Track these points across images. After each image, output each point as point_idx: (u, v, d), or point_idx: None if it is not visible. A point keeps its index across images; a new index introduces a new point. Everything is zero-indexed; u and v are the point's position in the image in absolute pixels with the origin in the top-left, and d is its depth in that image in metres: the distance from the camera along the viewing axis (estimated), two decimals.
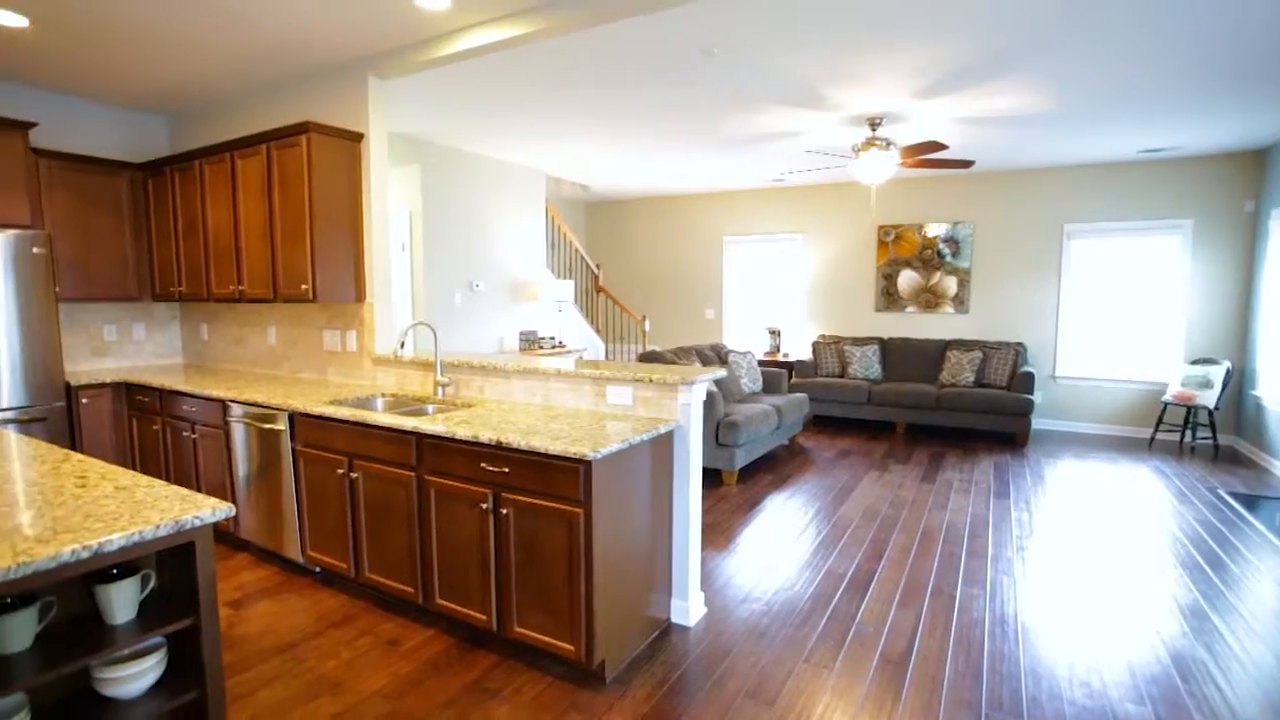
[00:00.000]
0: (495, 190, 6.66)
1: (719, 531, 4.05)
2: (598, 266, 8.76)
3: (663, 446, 2.72)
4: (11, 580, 1.32)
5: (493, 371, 3.28)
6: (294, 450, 3.20)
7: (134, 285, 4.60)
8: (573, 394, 3.03)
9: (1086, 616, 2.98)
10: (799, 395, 6.20)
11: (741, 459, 5.02)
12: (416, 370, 3.62)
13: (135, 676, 1.61)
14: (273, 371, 4.44)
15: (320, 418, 3.06)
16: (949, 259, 7.39)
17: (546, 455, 2.33)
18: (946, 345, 7.10)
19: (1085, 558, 3.63)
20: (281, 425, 3.24)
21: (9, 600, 1.52)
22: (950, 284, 7.41)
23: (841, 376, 7.37)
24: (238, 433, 3.52)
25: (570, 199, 9.27)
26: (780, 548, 3.79)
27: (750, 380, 6.14)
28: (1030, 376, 6.32)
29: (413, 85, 4.28)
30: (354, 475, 2.93)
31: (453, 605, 2.69)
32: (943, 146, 4.61)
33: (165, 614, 1.68)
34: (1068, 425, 6.95)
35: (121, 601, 1.62)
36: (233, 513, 1.70)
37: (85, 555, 1.42)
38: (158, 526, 1.54)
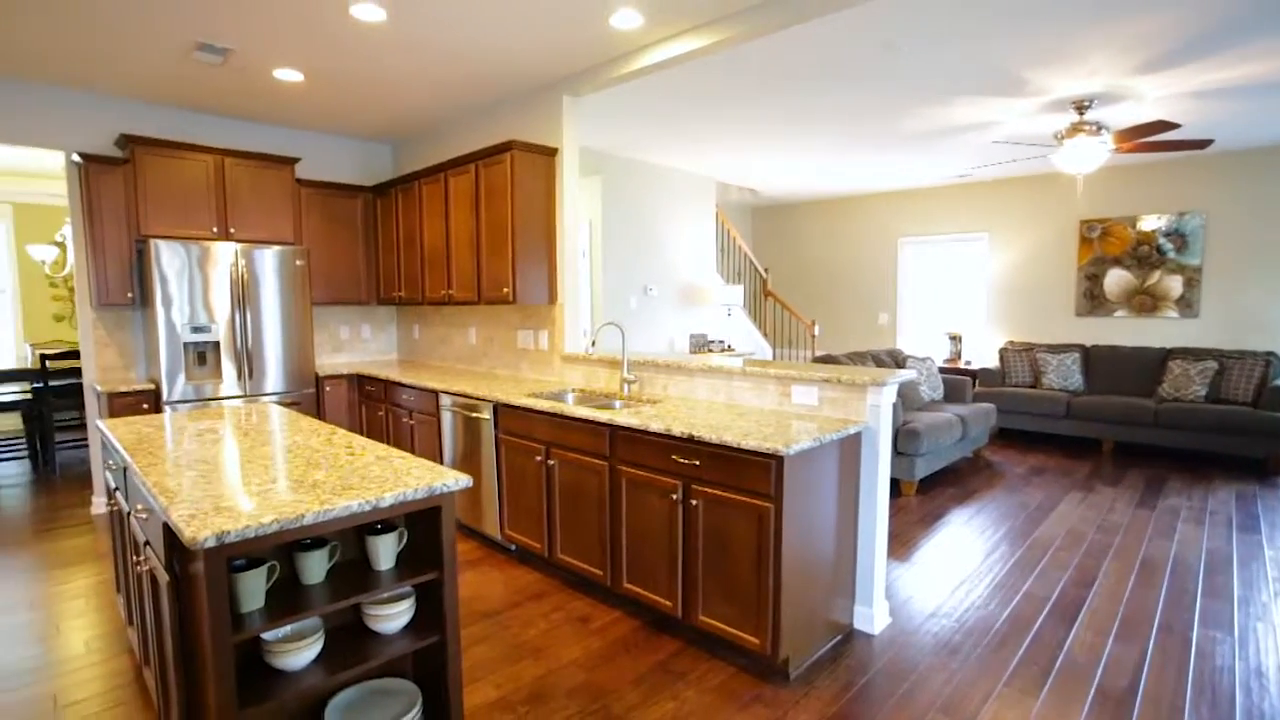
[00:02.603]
0: (668, 198, 6.88)
1: (899, 542, 3.88)
2: (766, 271, 8.72)
3: (851, 448, 2.68)
4: (317, 523, 1.62)
5: (676, 370, 3.41)
6: (497, 437, 3.55)
7: (364, 291, 5.34)
8: (756, 393, 3.07)
9: None
10: (985, 405, 5.74)
11: (922, 469, 4.76)
12: (603, 368, 3.86)
13: (393, 616, 1.89)
14: (473, 368, 4.93)
15: (521, 409, 3.36)
16: (1171, 255, 6.47)
17: (738, 450, 2.39)
18: (1168, 354, 6.21)
19: None
20: (486, 415, 3.60)
21: (308, 541, 1.86)
22: (1173, 284, 6.48)
23: (1034, 386, 6.71)
24: (447, 420, 3.96)
25: (738, 204, 9.32)
26: (968, 564, 3.55)
27: (930, 388, 5.79)
28: None
29: (599, 101, 4.57)
30: (550, 462, 3.19)
31: (639, 589, 2.83)
32: (1173, 126, 4.07)
33: (414, 567, 1.95)
34: None
35: (385, 552, 1.91)
36: (471, 484, 1.93)
37: (366, 508, 1.71)
38: (415, 490, 1.80)
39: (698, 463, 2.52)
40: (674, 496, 2.61)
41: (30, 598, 3.21)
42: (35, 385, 5.58)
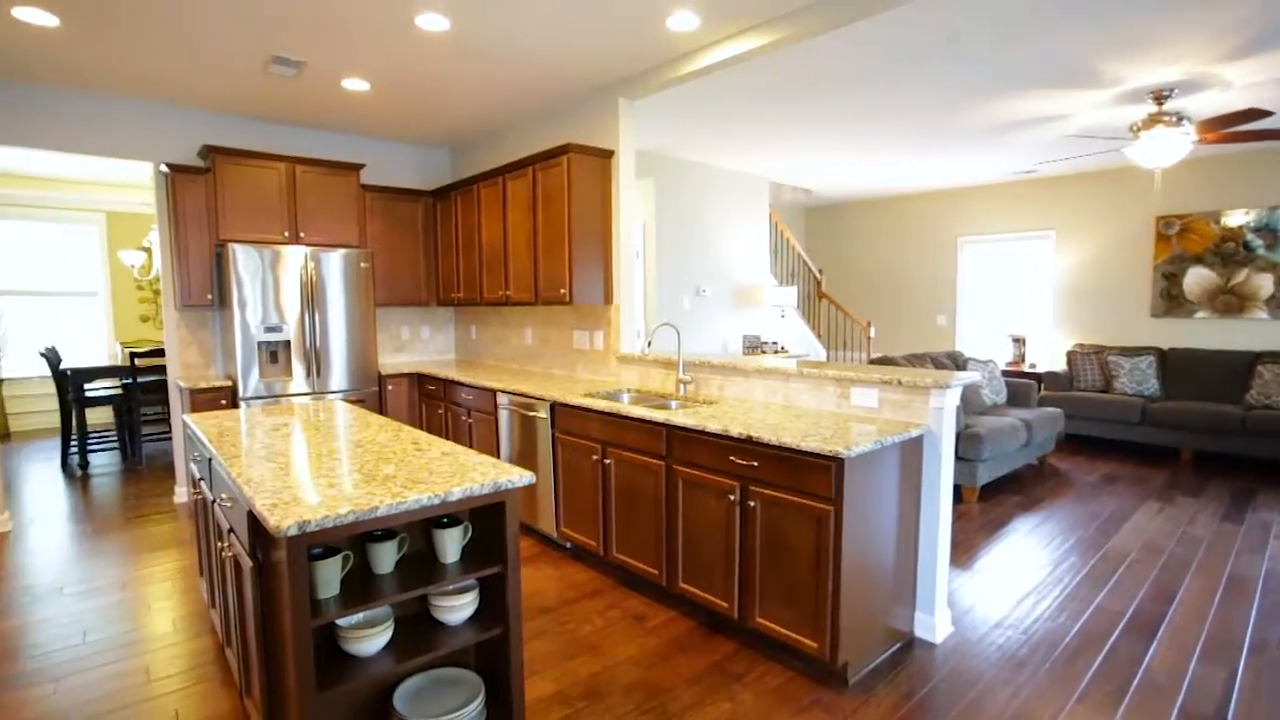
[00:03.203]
0: (721, 199, 6.86)
1: (961, 549, 3.77)
2: (820, 271, 8.59)
3: (912, 451, 2.62)
4: (389, 515, 1.69)
5: (732, 371, 3.39)
6: (553, 436, 3.60)
7: (424, 292, 5.50)
8: (813, 395, 3.03)
9: None
10: (1051, 410, 5.52)
11: (984, 475, 4.61)
12: (658, 368, 3.87)
13: (458, 608, 1.94)
14: (528, 368, 5.02)
15: (578, 408, 3.41)
16: (1261, 252, 6.08)
17: (798, 451, 2.37)
18: (1256, 358, 5.84)
19: None
20: (543, 414, 3.66)
21: (379, 533, 1.93)
22: (1262, 283, 6.09)
23: (1105, 391, 6.41)
24: (504, 418, 4.05)
25: (791, 204, 9.21)
26: (1034, 575, 3.42)
27: (992, 391, 5.60)
28: None
29: (653, 103, 4.59)
30: (607, 461, 3.23)
31: (695, 590, 2.83)
32: (1264, 114, 3.83)
33: (478, 561, 2.00)
34: None
35: (451, 545, 1.97)
36: (534, 480, 1.97)
37: (435, 502, 1.76)
38: (481, 485, 1.85)
39: (756, 464, 2.51)
40: (731, 497, 2.60)
41: (123, 579, 3.43)
42: (125, 381, 5.95)
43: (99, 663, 2.64)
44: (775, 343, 7.36)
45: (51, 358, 5.85)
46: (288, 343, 4.51)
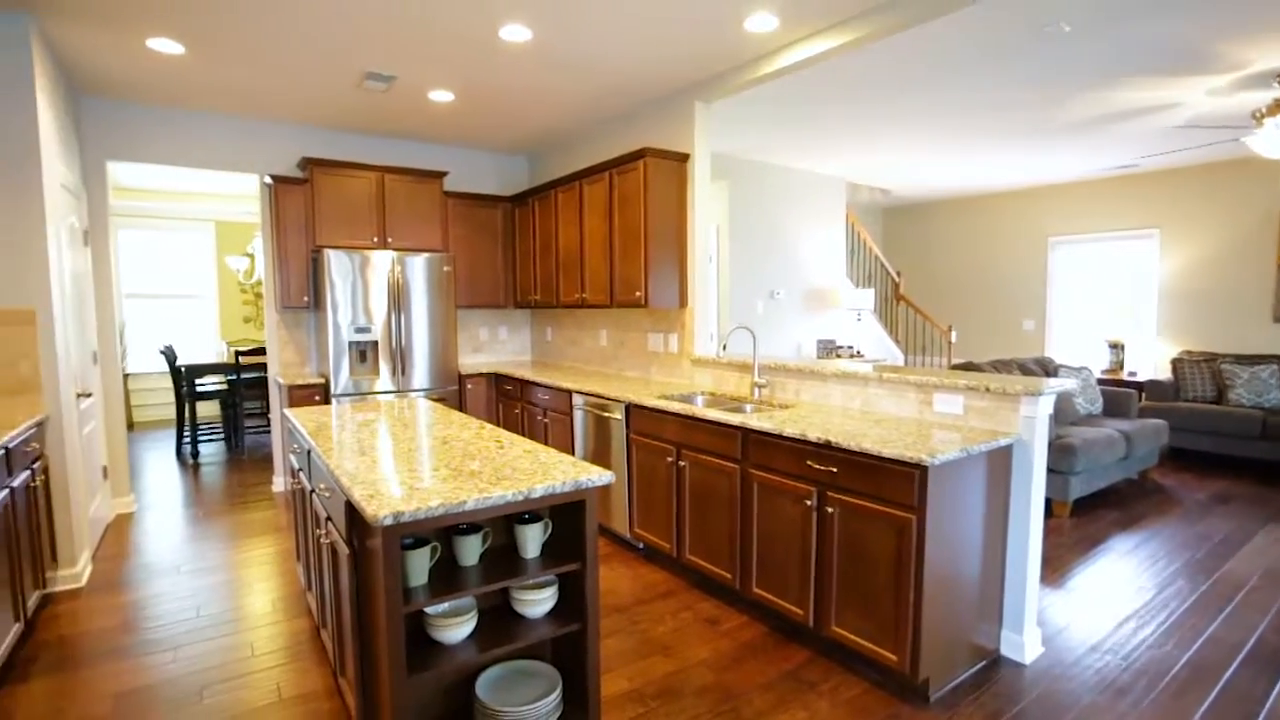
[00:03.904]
0: (795, 200, 6.76)
1: (1052, 566, 3.57)
2: (898, 274, 8.33)
3: (1000, 461, 2.51)
4: (475, 510, 1.75)
5: (809, 374, 3.34)
6: (628, 437, 3.64)
7: (502, 295, 5.67)
8: (894, 400, 2.95)
9: None
10: (1154, 422, 5.15)
11: (1077, 489, 4.35)
12: (732, 371, 3.86)
13: (538, 602, 2.00)
14: (602, 369, 5.09)
15: (653, 410, 3.43)
16: None
17: (878, 458, 2.31)
18: None
19: None
20: (618, 415, 3.71)
21: (464, 526, 2.01)
22: None
23: (1217, 402, 5.92)
24: (579, 418, 4.12)
25: (868, 204, 8.97)
26: (1136, 598, 3.20)
27: (1087, 400, 5.28)
28: None
29: (729, 105, 4.58)
30: (681, 463, 3.24)
31: (768, 595, 2.80)
32: None
33: (557, 557, 2.05)
34: None
35: (532, 540, 2.03)
36: (613, 480, 2.01)
37: (519, 498, 1.82)
38: (563, 483, 1.90)
39: (834, 469, 2.46)
40: (808, 503, 2.56)
41: (229, 560, 3.69)
42: (229, 378, 6.41)
43: (210, 636, 2.85)
44: (851, 346, 7.19)
45: (169, 355, 6.36)
46: (375, 343, 4.74)
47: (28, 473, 2.86)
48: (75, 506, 3.37)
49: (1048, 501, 4.52)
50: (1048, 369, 5.41)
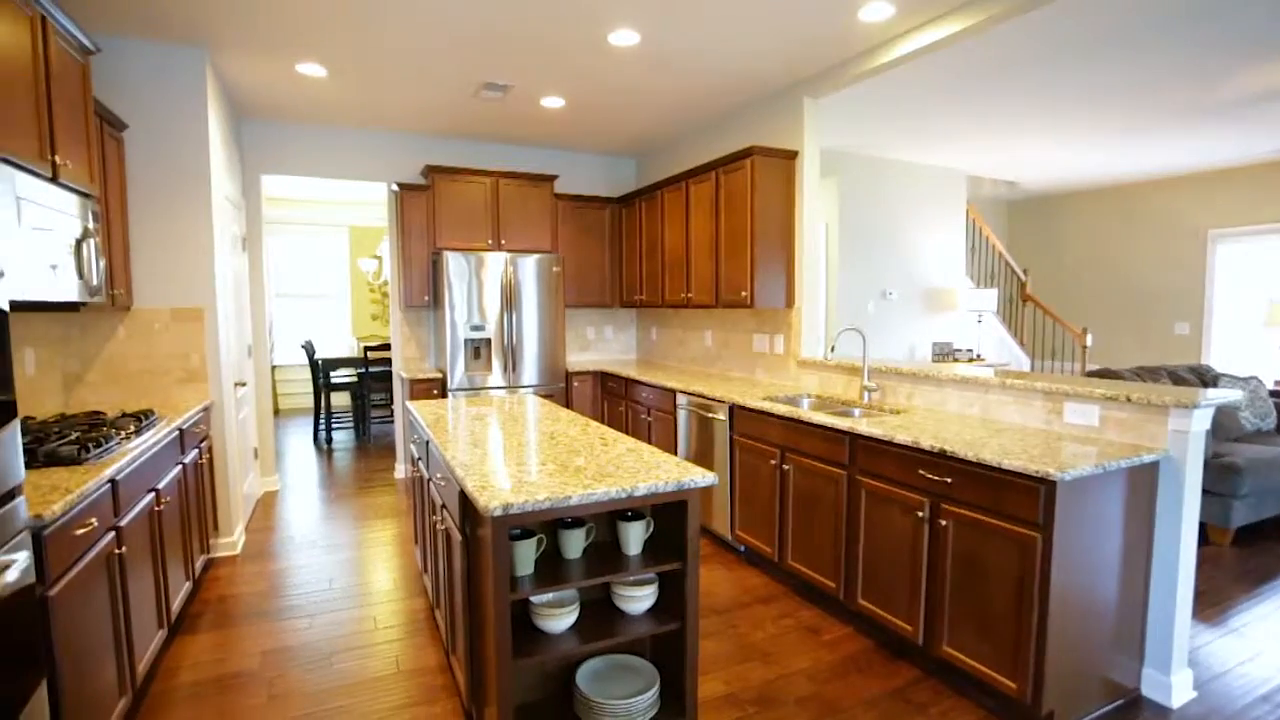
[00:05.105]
0: (910, 196, 6.44)
1: (1207, 601, 3.19)
2: (1024, 272, 7.73)
3: (1143, 480, 2.27)
4: (580, 505, 1.80)
5: (923, 379, 3.18)
6: (731, 439, 3.61)
7: (609, 295, 5.78)
8: (1018, 409, 2.74)
9: None
10: None
11: (1241, 515, 3.86)
12: (840, 374, 3.73)
13: (639, 599, 2.03)
14: (707, 370, 5.08)
15: (758, 411, 3.39)
16: None
17: (999, 470, 2.16)
18: None
19: None
20: (721, 416, 3.69)
21: (569, 520, 2.08)
22: None
23: None
24: (682, 418, 4.13)
25: (991, 198, 8.40)
26: None
27: (1255, 415, 4.67)
28: None
29: (838, 100, 4.43)
30: (785, 467, 3.17)
31: (874, 608, 2.69)
32: None
33: (658, 556, 2.07)
34: None
35: (635, 538, 2.06)
36: (716, 482, 2.00)
37: (622, 495, 1.85)
38: (666, 483, 1.91)
39: (949, 480, 2.33)
40: (920, 514, 2.44)
41: (355, 539, 4.01)
42: (359, 371, 6.95)
43: (340, 606, 3.11)
44: (970, 350, 6.76)
45: (308, 349, 6.99)
46: (489, 340, 4.98)
47: (197, 451, 3.25)
48: (233, 483, 3.79)
49: (1203, 527, 4.05)
50: (1204, 378, 4.84)
